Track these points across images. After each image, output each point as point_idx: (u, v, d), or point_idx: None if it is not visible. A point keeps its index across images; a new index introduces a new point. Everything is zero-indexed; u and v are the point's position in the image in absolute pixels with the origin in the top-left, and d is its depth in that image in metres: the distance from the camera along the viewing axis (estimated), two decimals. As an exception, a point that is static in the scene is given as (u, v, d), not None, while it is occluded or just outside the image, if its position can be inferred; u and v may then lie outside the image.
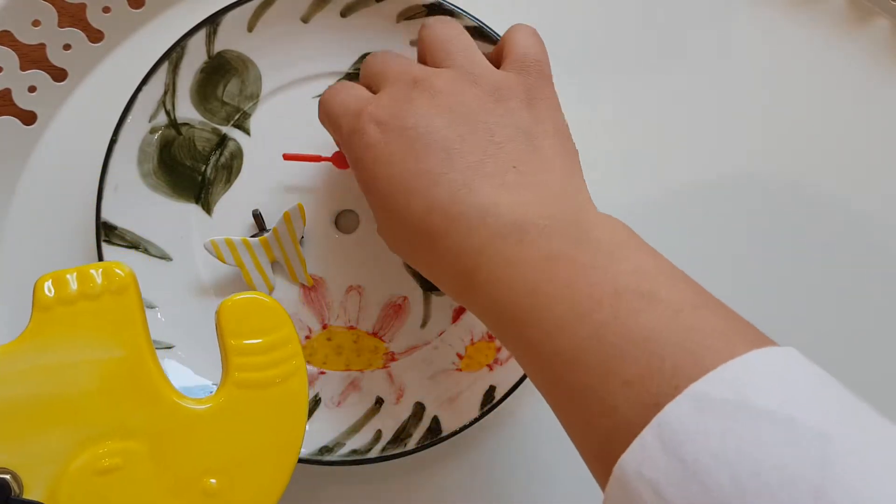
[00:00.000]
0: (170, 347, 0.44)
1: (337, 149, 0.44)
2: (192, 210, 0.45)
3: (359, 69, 0.45)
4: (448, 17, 0.43)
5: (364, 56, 0.45)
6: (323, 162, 0.44)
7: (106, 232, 0.44)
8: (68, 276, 0.33)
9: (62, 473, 0.32)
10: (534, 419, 0.46)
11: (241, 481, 0.33)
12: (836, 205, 0.47)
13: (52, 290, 0.33)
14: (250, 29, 0.44)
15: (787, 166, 0.47)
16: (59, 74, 0.46)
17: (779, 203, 0.47)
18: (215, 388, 0.44)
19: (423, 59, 0.39)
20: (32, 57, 0.46)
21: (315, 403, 0.45)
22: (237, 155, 0.45)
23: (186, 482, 0.33)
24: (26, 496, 0.31)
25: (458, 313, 0.46)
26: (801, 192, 0.47)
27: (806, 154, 0.47)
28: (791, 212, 0.47)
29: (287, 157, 0.45)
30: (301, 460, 0.41)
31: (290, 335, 0.34)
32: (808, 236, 0.47)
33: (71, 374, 0.32)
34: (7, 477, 0.31)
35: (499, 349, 0.45)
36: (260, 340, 0.34)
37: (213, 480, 0.33)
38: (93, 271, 0.33)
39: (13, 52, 0.45)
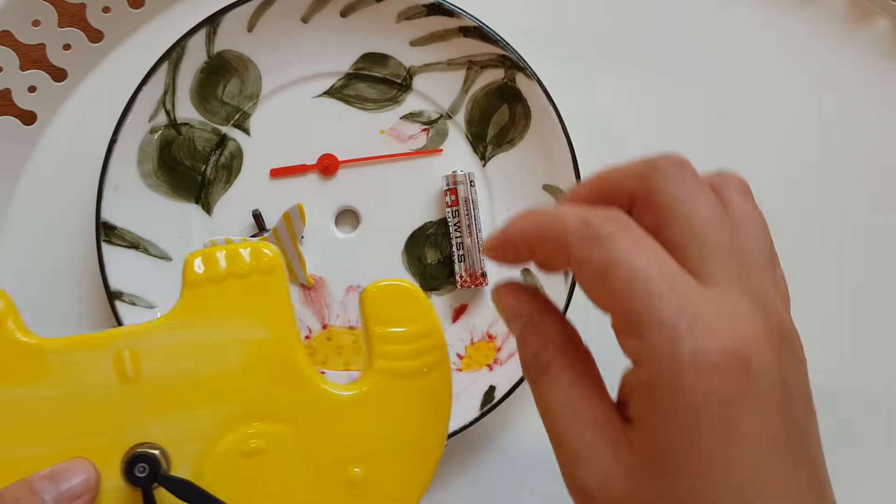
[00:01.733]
0: (170, 347, 0.44)
1: (321, 154, 0.44)
2: (192, 210, 0.45)
3: (359, 69, 0.45)
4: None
5: (364, 56, 0.45)
6: (311, 170, 0.45)
7: (106, 232, 0.44)
8: (218, 254, 0.32)
9: (208, 453, 0.31)
10: (534, 419, 0.46)
11: (385, 472, 0.32)
12: (836, 205, 0.47)
13: (202, 268, 0.32)
14: (250, 29, 0.44)
15: (787, 166, 0.47)
16: (59, 74, 0.46)
17: (778, 203, 0.47)
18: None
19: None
20: (32, 57, 0.46)
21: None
22: (237, 155, 0.45)
23: (331, 470, 0.32)
24: (173, 474, 0.31)
25: (458, 313, 0.46)
26: (801, 191, 0.47)
27: (806, 154, 0.47)
28: (791, 211, 0.47)
29: (274, 172, 0.45)
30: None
31: (433, 325, 0.33)
32: (808, 236, 0.47)
33: (219, 353, 0.31)
34: (157, 452, 0.31)
35: (499, 349, 0.45)
36: (404, 329, 0.33)
37: (357, 469, 0.32)
38: (242, 250, 0.32)
39: (13, 52, 0.45)
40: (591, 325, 0.46)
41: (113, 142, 0.43)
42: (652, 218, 0.26)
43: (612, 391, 0.29)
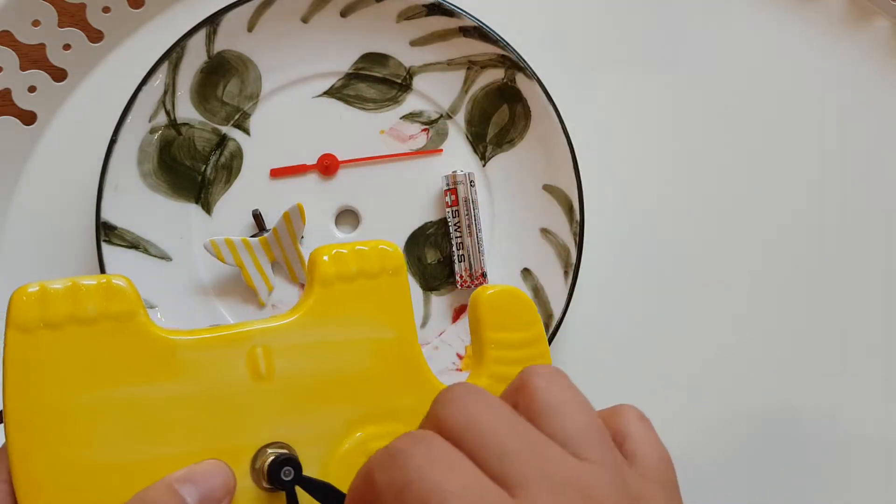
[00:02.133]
0: (170, 347, 0.44)
1: (321, 154, 0.44)
2: (192, 210, 0.45)
3: (359, 69, 0.45)
4: (555, 370, 0.28)
5: (364, 56, 0.45)
6: (311, 170, 0.45)
7: (106, 232, 0.44)
8: (343, 251, 0.31)
9: (334, 453, 0.30)
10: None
11: None
12: (835, 204, 0.47)
13: (333, 266, 0.31)
14: (250, 29, 0.44)
15: (787, 166, 0.47)
16: (59, 74, 0.46)
17: (778, 203, 0.47)
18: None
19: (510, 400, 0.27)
20: (32, 57, 0.46)
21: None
22: (237, 155, 0.45)
23: None
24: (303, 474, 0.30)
25: (458, 313, 0.46)
26: (801, 191, 0.47)
27: (806, 154, 0.47)
28: (790, 211, 0.47)
29: (274, 172, 0.45)
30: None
31: (540, 333, 0.33)
32: (808, 236, 0.47)
33: (349, 352, 0.31)
34: (290, 453, 0.30)
35: (499, 349, 0.45)
36: (516, 335, 0.32)
37: None
38: (366, 248, 0.32)
39: (13, 52, 0.44)
40: (592, 325, 0.46)
41: (113, 142, 0.43)
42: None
43: (607, 395, 0.29)
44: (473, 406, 0.25)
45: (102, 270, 0.43)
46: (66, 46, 0.45)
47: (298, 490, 0.29)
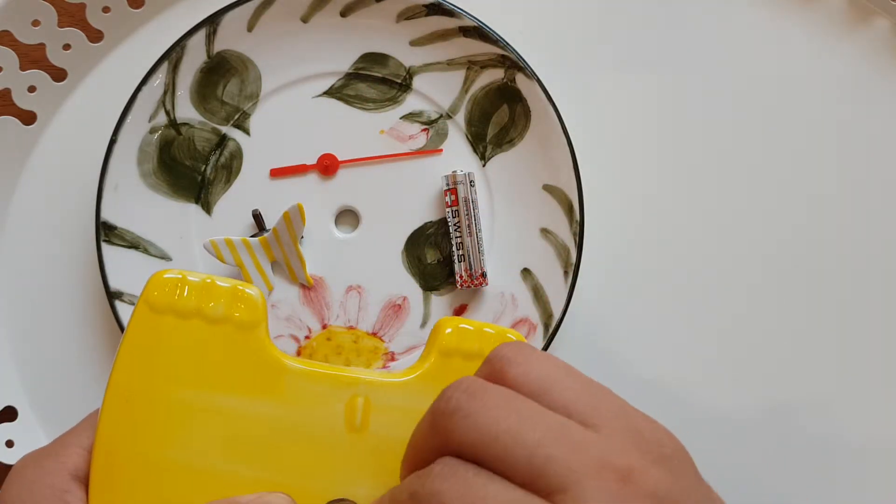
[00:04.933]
0: (170, 347, 0.44)
1: (321, 154, 0.44)
2: (192, 210, 0.45)
3: (359, 69, 0.45)
4: (521, 344, 0.29)
5: (364, 56, 0.45)
6: (311, 170, 0.45)
7: (106, 232, 0.44)
8: (469, 327, 0.31)
9: None
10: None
11: None
12: (835, 205, 0.47)
13: (457, 339, 0.31)
14: (250, 29, 0.44)
15: (788, 166, 0.47)
16: (58, 74, 0.46)
17: (778, 203, 0.47)
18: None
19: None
20: (32, 57, 0.46)
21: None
22: (237, 155, 0.45)
23: None
24: None
25: (458, 313, 0.46)
26: (801, 191, 0.47)
27: (806, 154, 0.47)
28: (790, 211, 0.47)
29: (274, 172, 0.45)
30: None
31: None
32: (808, 236, 0.47)
33: None
34: None
35: (499, 349, 0.45)
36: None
37: None
38: (490, 331, 0.32)
39: (13, 52, 0.45)
40: (592, 325, 0.46)
41: (113, 142, 0.43)
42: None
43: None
44: (484, 416, 0.24)
45: (102, 270, 0.43)
46: (66, 46, 0.45)
47: None
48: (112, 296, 0.43)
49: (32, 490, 0.28)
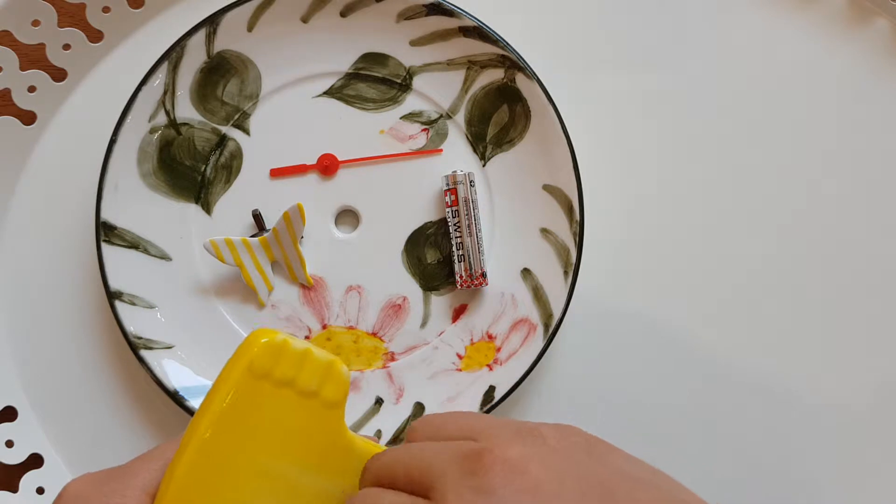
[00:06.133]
0: (170, 347, 0.44)
1: (321, 154, 0.44)
2: (192, 210, 0.45)
3: (359, 69, 0.45)
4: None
5: (364, 56, 0.45)
6: (311, 170, 0.45)
7: (106, 232, 0.44)
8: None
9: None
10: (534, 418, 0.46)
11: None
12: (835, 204, 0.47)
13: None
14: (250, 29, 0.44)
15: (787, 166, 0.47)
16: (58, 74, 0.46)
17: (778, 203, 0.47)
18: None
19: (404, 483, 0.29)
20: (32, 57, 0.46)
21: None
22: (237, 155, 0.45)
23: None
24: None
25: (458, 313, 0.46)
26: (801, 191, 0.47)
27: (806, 154, 0.47)
28: (790, 211, 0.47)
29: (274, 172, 0.45)
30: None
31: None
32: (808, 235, 0.47)
33: None
34: None
35: (499, 349, 0.45)
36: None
37: None
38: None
39: (13, 53, 0.45)
40: (592, 325, 0.46)
41: (113, 142, 0.43)
42: None
43: (606, 396, 0.29)
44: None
45: (102, 270, 0.43)
46: (66, 46, 0.45)
47: None
48: (112, 296, 0.43)
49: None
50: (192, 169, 0.45)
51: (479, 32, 0.44)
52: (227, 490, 0.29)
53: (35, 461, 0.45)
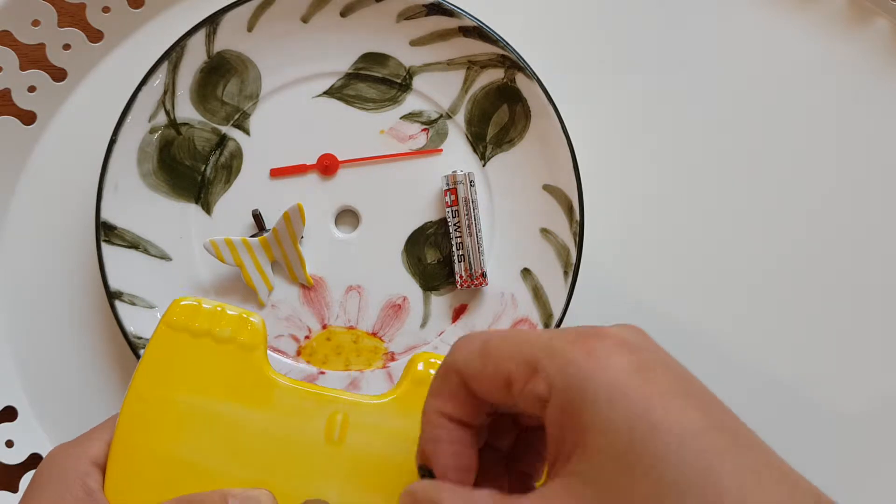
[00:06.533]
0: (170, 347, 0.44)
1: (321, 154, 0.45)
2: (192, 210, 0.45)
3: (359, 69, 0.45)
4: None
5: (364, 56, 0.45)
6: (311, 170, 0.45)
7: (106, 232, 0.44)
8: (440, 362, 0.35)
9: None
10: (534, 419, 0.46)
11: None
12: (835, 204, 0.47)
13: (425, 370, 0.35)
14: (250, 29, 0.44)
15: (788, 166, 0.47)
16: (58, 74, 0.46)
17: (778, 202, 0.47)
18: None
19: None
20: (32, 57, 0.46)
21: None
22: (237, 155, 0.45)
23: None
24: None
25: (458, 313, 0.46)
26: (801, 191, 0.47)
27: (806, 154, 0.47)
28: (791, 212, 0.47)
29: (274, 172, 0.45)
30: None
31: None
32: (807, 235, 0.47)
33: (411, 450, 0.33)
34: None
35: (499, 349, 0.45)
36: None
37: None
38: None
39: (13, 53, 0.45)
40: (591, 323, 0.46)
41: (113, 142, 0.43)
42: None
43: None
44: None
45: (102, 270, 0.43)
46: (66, 46, 0.45)
47: None
48: (112, 296, 0.43)
49: (60, 472, 0.34)
50: (192, 169, 0.45)
51: (479, 32, 0.44)
52: (166, 429, 0.34)
53: (35, 461, 0.45)
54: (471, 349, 0.28)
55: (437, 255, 0.46)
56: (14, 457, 0.45)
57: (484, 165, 0.46)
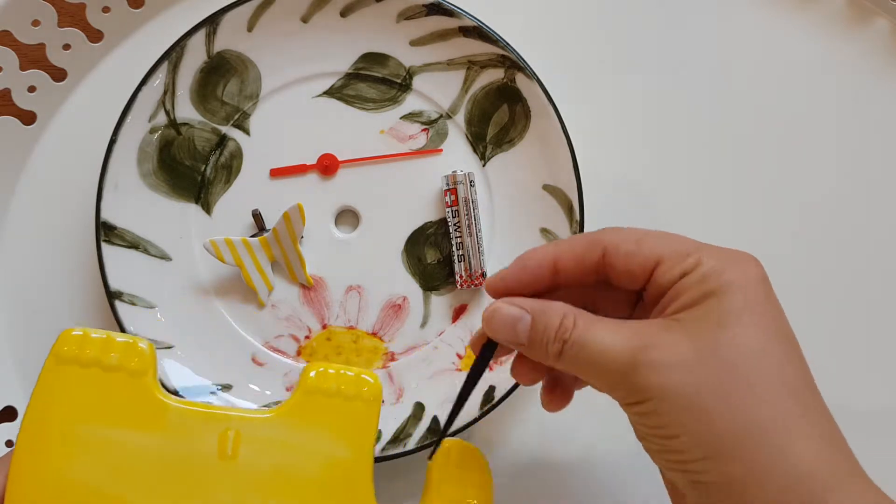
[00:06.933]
0: (169, 347, 0.44)
1: (321, 154, 0.45)
2: (192, 210, 0.45)
3: (359, 69, 0.45)
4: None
5: (364, 56, 0.45)
6: (311, 170, 0.45)
7: (106, 232, 0.44)
8: (331, 370, 0.37)
9: None
10: (532, 418, 0.46)
11: None
12: (835, 204, 0.47)
13: (318, 379, 0.36)
14: (250, 29, 0.44)
15: (787, 166, 0.47)
16: (58, 74, 0.46)
17: (778, 203, 0.47)
18: (216, 387, 0.44)
19: None
20: (32, 57, 0.46)
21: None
22: (237, 155, 0.45)
23: None
24: None
25: (458, 313, 0.46)
26: (801, 191, 0.47)
27: (806, 153, 0.47)
28: (791, 212, 0.47)
29: (274, 172, 0.45)
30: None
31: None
32: (807, 236, 0.47)
33: (306, 458, 0.35)
34: None
35: (499, 349, 0.45)
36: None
37: None
38: (350, 374, 0.37)
39: (13, 53, 0.45)
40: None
41: (113, 142, 0.43)
42: None
43: (607, 396, 0.29)
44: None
45: (102, 270, 0.43)
46: (66, 46, 0.45)
47: None
48: (112, 296, 0.43)
49: None
50: (192, 169, 0.45)
51: (479, 32, 0.44)
52: (61, 459, 0.34)
53: (35, 461, 0.45)
54: (626, 237, 0.33)
55: (437, 255, 0.46)
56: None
57: (484, 165, 0.46)
